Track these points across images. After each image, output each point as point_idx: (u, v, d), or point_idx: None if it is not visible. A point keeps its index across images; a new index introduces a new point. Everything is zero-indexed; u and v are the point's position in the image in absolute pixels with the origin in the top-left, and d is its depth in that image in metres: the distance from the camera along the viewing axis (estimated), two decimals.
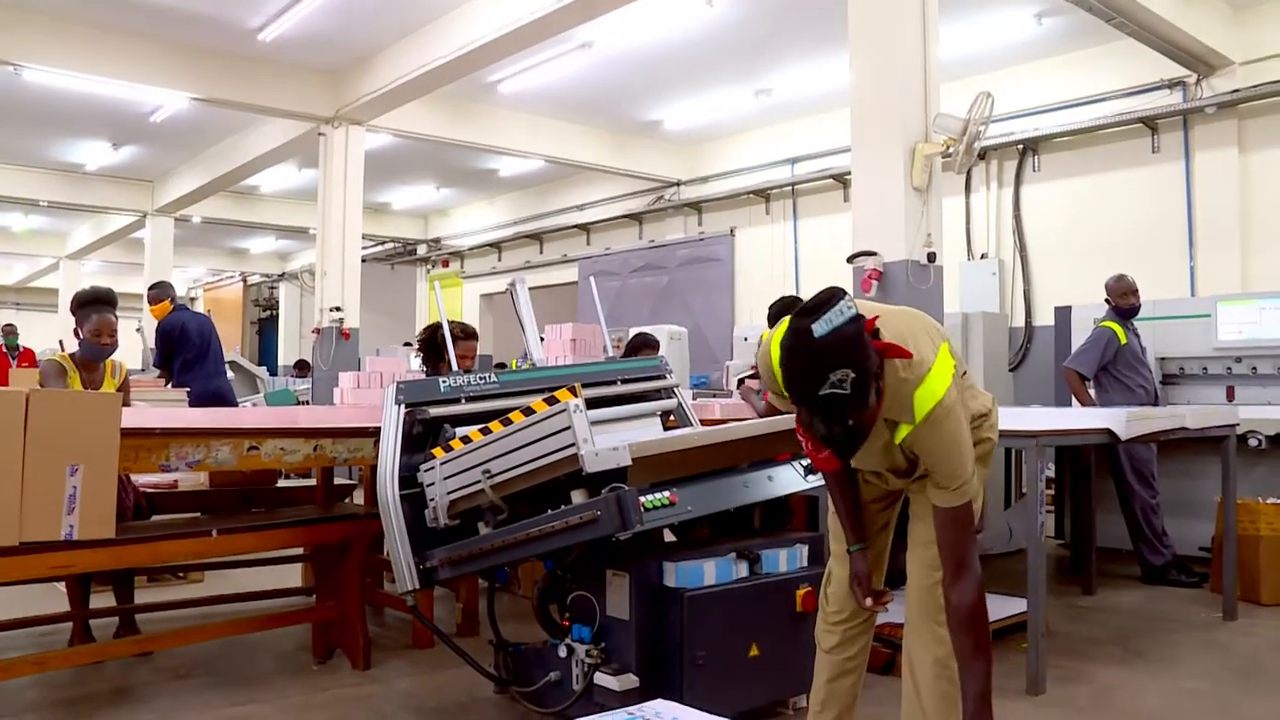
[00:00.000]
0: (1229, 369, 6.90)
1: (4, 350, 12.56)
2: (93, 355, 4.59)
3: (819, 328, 2.12)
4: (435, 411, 3.67)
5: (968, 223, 10.44)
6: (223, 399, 7.14)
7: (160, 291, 7.45)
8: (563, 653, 3.32)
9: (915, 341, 2.35)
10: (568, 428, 2.97)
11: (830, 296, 2.18)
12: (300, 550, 5.46)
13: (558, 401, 3.06)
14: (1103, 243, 9.21)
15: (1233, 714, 3.76)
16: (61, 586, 4.93)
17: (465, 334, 5.30)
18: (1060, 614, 5.16)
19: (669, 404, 4.18)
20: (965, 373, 2.63)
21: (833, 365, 2.10)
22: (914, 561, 2.65)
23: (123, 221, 17.49)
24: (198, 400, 6.65)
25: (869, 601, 2.64)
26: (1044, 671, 3.98)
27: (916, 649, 2.65)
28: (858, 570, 2.66)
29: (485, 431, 3.33)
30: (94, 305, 4.59)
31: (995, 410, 2.73)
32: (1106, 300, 6.34)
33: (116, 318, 4.66)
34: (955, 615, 2.32)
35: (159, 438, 3.86)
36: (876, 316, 2.34)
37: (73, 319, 4.66)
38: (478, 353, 5.54)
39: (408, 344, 14.35)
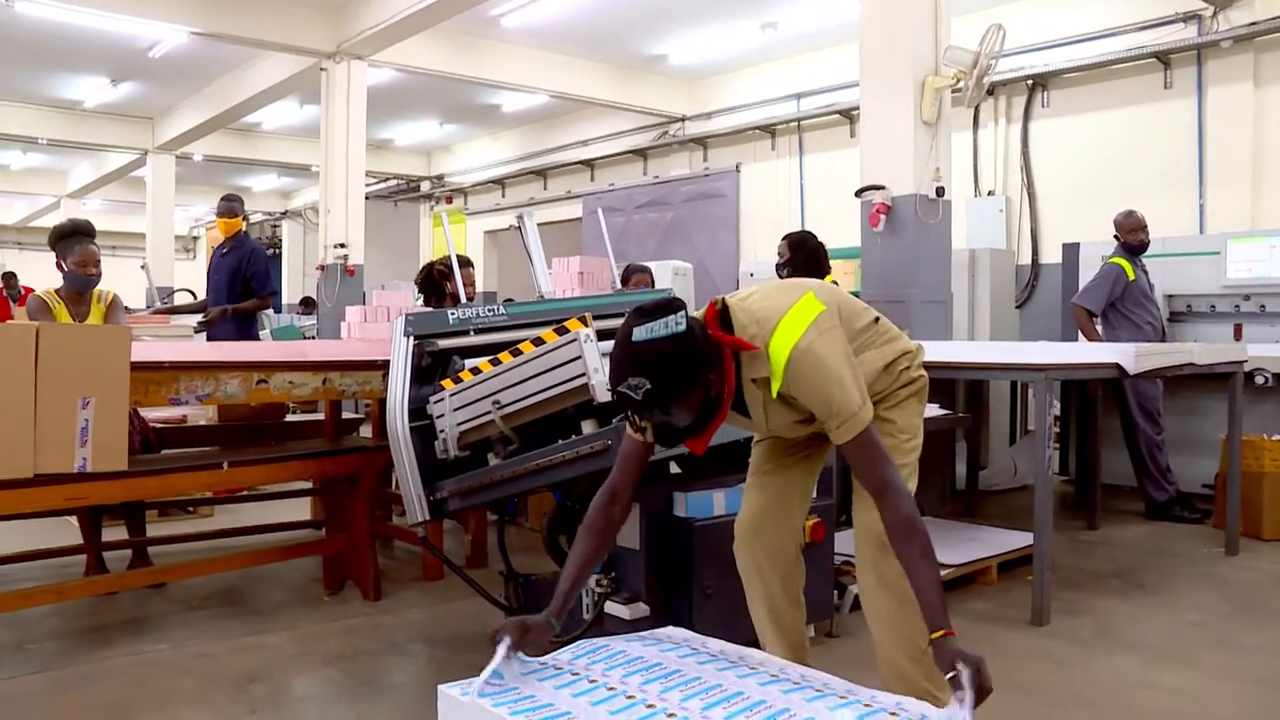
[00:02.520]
0: (1237, 306, 6.87)
1: (5, 296, 12.54)
2: (80, 287, 4.59)
3: (638, 333, 2.20)
4: (444, 344, 3.67)
5: (975, 159, 10.35)
6: None
7: (239, 205, 6.93)
8: None
9: (768, 309, 2.39)
10: (578, 357, 2.97)
11: (665, 306, 2.23)
12: (309, 485, 5.51)
13: (568, 332, 3.06)
14: (1111, 180, 9.12)
15: (1232, 645, 3.81)
16: (74, 521, 4.98)
17: (461, 262, 5.30)
18: (1064, 548, 5.20)
19: None
20: (878, 319, 2.69)
21: (633, 371, 2.18)
22: (859, 502, 2.69)
23: (123, 159, 17.38)
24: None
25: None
26: (1048, 603, 4.02)
27: (861, 579, 2.74)
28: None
29: (495, 363, 3.33)
30: (75, 237, 4.59)
31: (920, 351, 2.78)
32: (1115, 236, 6.30)
33: (98, 248, 4.66)
34: (893, 530, 2.30)
35: (168, 371, 3.87)
36: (715, 303, 2.39)
37: (54, 253, 4.64)
38: (479, 287, 5.53)
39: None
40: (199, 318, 7.00)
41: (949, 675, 2.05)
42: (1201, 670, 3.52)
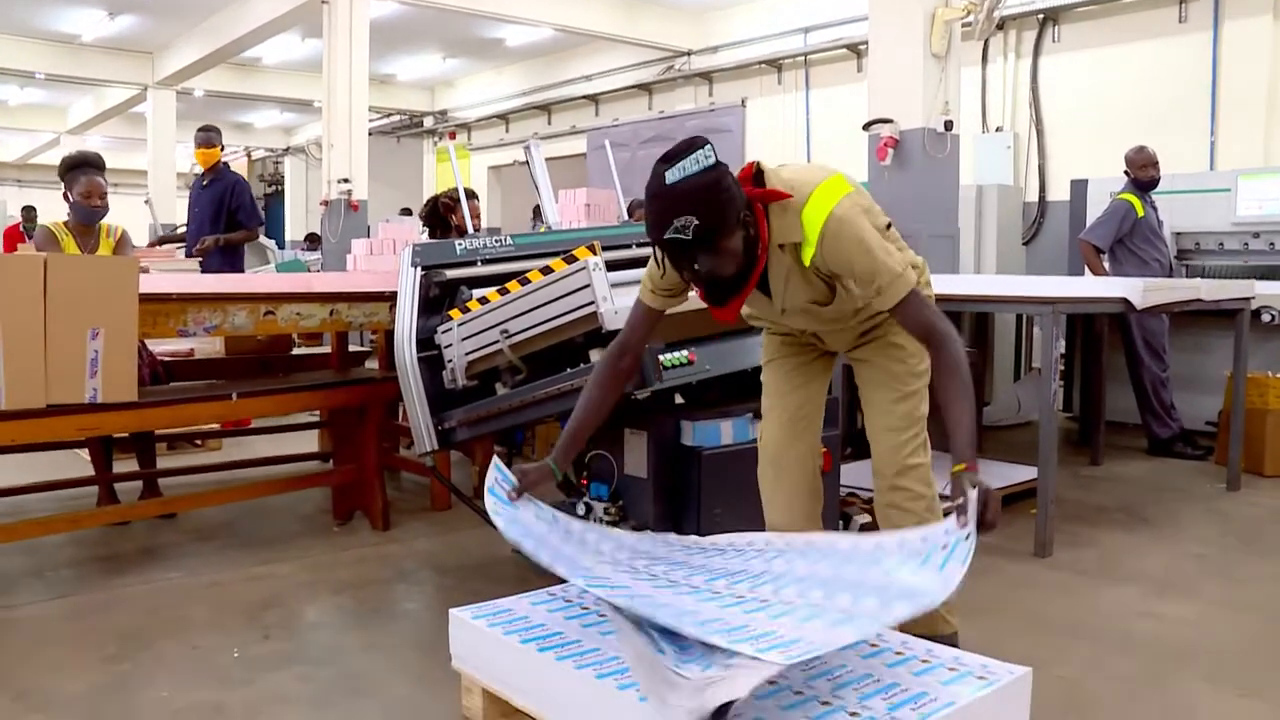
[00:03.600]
0: (1246, 244, 6.82)
1: (22, 231, 12.53)
2: (84, 218, 4.55)
3: (671, 175, 2.19)
4: (451, 274, 3.67)
5: (983, 95, 10.23)
6: None
7: (216, 135, 6.79)
8: (581, 511, 3.39)
9: (801, 179, 2.39)
10: (587, 285, 2.96)
11: (689, 145, 2.23)
12: (316, 418, 5.54)
13: (576, 260, 3.05)
14: (1121, 116, 9.01)
15: (1232, 576, 3.85)
16: (84, 454, 5.02)
17: (466, 194, 5.30)
18: (1068, 483, 5.23)
19: None
20: (890, 225, 2.66)
21: (678, 211, 2.17)
22: (874, 428, 2.71)
23: (123, 95, 17.19)
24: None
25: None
26: (1052, 535, 4.06)
27: (880, 505, 2.76)
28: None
29: (503, 292, 3.33)
30: (82, 168, 4.54)
31: (926, 268, 2.79)
32: (1125, 172, 6.24)
33: (105, 180, 4.62)
34: (940, 368, 2.33)
35: (176, 303, 3.88)
36: (753, 164, 2.40)
37: (63, 185, 4.62)
38: (483, 222, 5.52)
39: (405, 210, 14.24)
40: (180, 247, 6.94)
41: (957, 502, 2.10)
42: (1202, 600, 3.56)
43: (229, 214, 6.62)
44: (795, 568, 2.35)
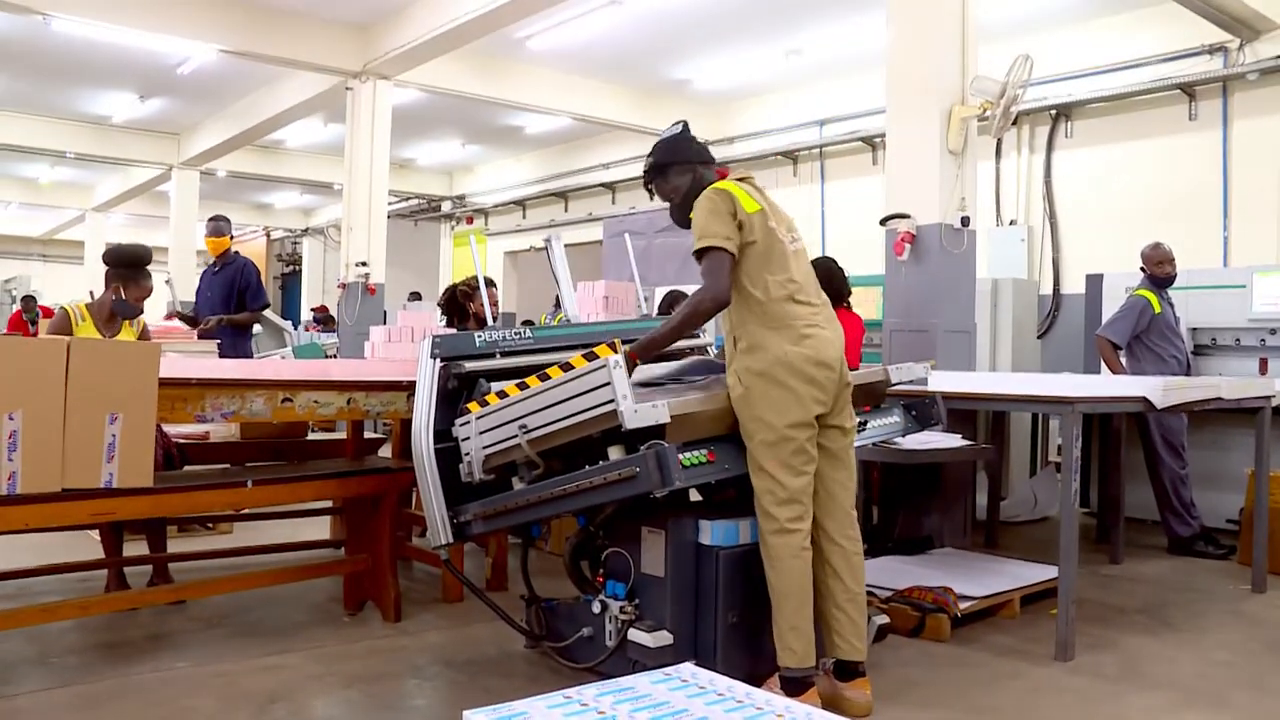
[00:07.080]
0: (1263, 341, 6.82)
1: (25, 319, 12.64)
2: (127, 314, 4.70)
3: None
4: (470, 366, 3.67)
5: (997, 188, 10.34)
6: None
7: (226, 225, 7.24)
8: (596, 609, 3.34)
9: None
10: (607, 384, 2.95)
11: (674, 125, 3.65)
12: (329, 504, 5.50)
13: (597, 357, 3.05)
14: (1134, 211, 9.10)
15: (1264, 687, 3.75)
16: (95, 535, 4.99)
17: (486, 283, 5.36)
18: (1087, 582, 5.15)
19: None
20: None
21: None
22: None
23: (148, 174, 17.53)
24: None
25: None
26: (1073, 638, 3.98)
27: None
28: None
29: (522, 387, 3.33)
30: (142, 269, 4.72)
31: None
32: (1141, 269, 6.27)
33: None
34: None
35: (195, 388, 3.88)
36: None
37: (111, 269, 4.72)
38: (500, 309, 5.59)
39: (414, 295, 14.36)
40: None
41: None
42: (1234, 712, 3.47)
43: (239, 295, 6.96)
44: None
